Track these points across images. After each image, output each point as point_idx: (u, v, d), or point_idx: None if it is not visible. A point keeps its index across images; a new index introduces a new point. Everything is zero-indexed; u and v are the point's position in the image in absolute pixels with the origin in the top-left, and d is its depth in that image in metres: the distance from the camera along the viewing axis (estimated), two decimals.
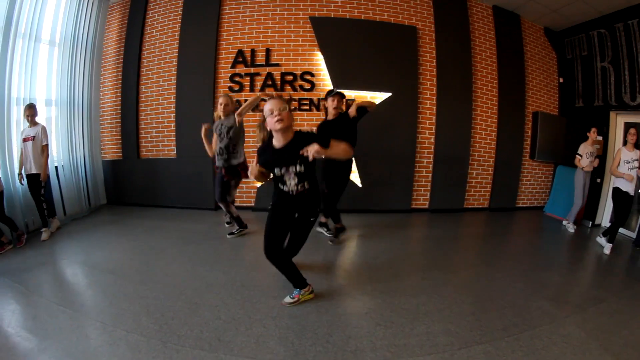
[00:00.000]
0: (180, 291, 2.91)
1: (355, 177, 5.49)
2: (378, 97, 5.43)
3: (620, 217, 4.30)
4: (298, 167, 2.37)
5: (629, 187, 4.22)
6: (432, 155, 5.74)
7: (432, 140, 5.71)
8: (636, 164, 4.19)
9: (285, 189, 2.43)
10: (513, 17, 5.97)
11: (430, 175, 5.78)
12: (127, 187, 5.91)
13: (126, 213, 5.43)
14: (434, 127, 5.69)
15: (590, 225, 5.43)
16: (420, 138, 5.69)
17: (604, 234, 4.37)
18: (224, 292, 2.88)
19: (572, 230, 5.12)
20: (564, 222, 5.33)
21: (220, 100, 4.03)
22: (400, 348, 2.22)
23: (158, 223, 4.90)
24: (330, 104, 3.81)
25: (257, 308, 2.68)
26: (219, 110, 4.02)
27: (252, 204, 5.60)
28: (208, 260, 3.54)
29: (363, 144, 5.42)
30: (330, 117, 3.87)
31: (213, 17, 5.38)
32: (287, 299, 2.71)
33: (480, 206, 6.11)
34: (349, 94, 5.34)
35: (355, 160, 5.32)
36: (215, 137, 4.10)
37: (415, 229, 5.13)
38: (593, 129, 5.05)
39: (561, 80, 6.42)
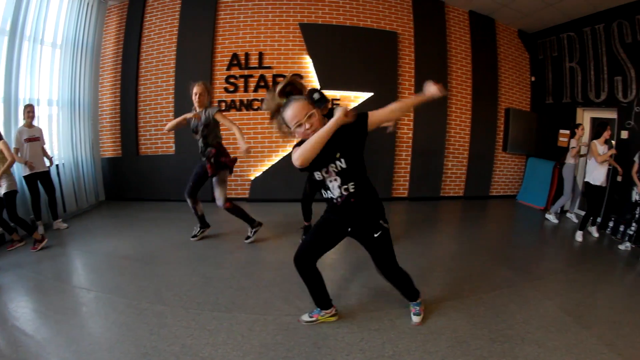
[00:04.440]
0: (193, 268, 3.30)
1: None
2: (361, 96, 5.87)
3: (594, 209, 4.51)
4: (339, 163, 1.93)
5: (600, 181, 4.40)
6: (410, 149, 6.23)
7: (410, 135, 6.20)
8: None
9: (330, 195, 2.04)
10: (488, 21, 6.42)
11: (409, 166, 6.28)
12: (126, 183, 6.09)
13: (128, 207, 5.64)
14: (412, 123, 6.18)
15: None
16: (399, 133, 6.16)
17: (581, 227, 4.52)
18: (232, 268, 3.29)
19: (556, 222, 5.20)
20: (547, 215, 5.35)
21: (195, 89, 3.47)
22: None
23: (161, 214, 5.18)
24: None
25: (263, 278, 3.13)
26: (194, 101, 3.52)
27: (247, 196, 5.97)
28: (214, 244, 3.90)
29: None
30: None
31: (209, 22, 5.69)
32: (305, 317, 2.48)
33: (455, 195, 6.61)
34: (335, 94, 5.80)
35: None
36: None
37: (395, 214, 5.56)
38: (582, 126, 5.21)
39: (533, 78, 6.86)
